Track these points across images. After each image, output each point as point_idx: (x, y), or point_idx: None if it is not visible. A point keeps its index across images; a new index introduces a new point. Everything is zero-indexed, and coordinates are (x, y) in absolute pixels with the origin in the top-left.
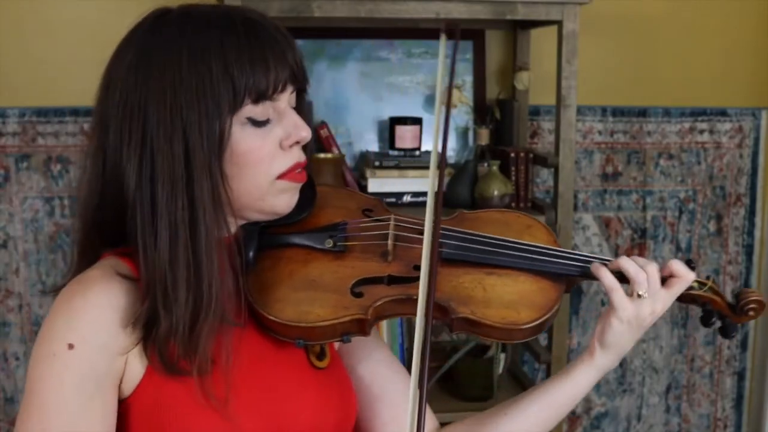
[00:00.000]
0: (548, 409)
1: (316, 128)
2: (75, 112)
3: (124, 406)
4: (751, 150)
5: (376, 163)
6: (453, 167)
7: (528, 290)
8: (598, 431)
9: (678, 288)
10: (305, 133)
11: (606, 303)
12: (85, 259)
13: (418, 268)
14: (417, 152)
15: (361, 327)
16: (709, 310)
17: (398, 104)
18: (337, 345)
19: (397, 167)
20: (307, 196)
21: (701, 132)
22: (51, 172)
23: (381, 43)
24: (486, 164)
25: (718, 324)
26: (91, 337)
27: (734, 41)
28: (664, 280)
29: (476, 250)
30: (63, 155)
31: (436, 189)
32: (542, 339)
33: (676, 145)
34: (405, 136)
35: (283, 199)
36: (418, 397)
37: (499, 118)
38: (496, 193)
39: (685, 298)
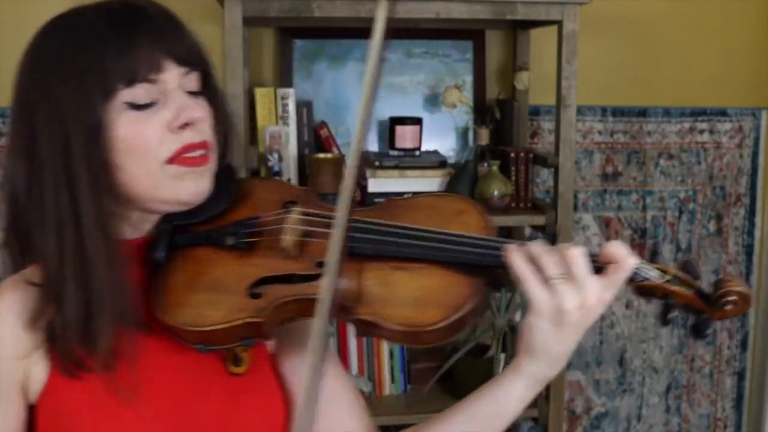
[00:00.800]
0: (473, 423)
1: (316, 128)
2: None
3: (33, 411)
4: (751, 150)
5: (376, 163)
6: (453, 167)
7: (437, 286)
8: (598, 431)
9: (615, 276)
10: (195, 114)
11: None
12: (18, 270)
13: (321, 264)
14: (417, 152)
15: (259, 331)
16: (671, 304)
17: (398, 104)
18: (271, 348)
19: (397, 167)
20: (224, 190)
21: (701, 132)
22: None
23: None
24: (486, 164)
25: (691, 320)
26: None
27: (734, 41)
28: (603, 269)
29: (378, 242)
30: None
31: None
32: None
33: (676, 145)
34: (405, 136)
35: (184, 186)
36: (308, 408)
37: (499, 118)
38: (496, 193)
39: (642, 290)
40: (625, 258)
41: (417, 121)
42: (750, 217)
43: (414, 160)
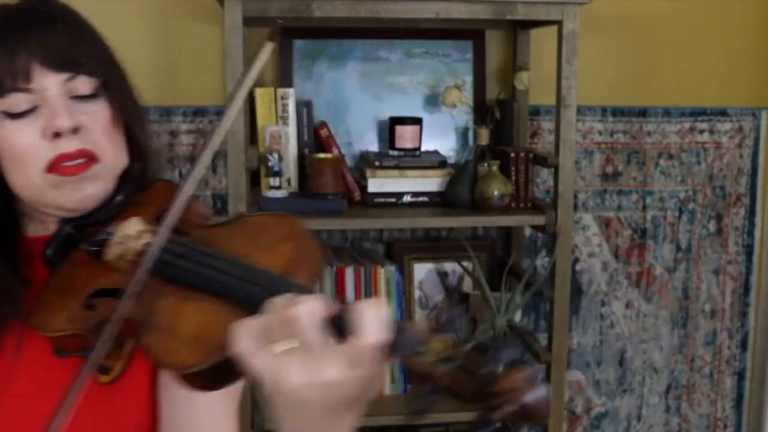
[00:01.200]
0: None
1: (316, 128)
2: None
3: None
4: (751, 150)
5: (376, 163)
6: (453, 167)
7: (215, 324)
8: (598, 431)
9: (356, 349)
10: (63, 123)
11: (606, 303)
12: None
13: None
14: (417, 152)
15: (81, 344)
16: (433, 388)
17: (398, 104)
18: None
19: (397, 167)
20: (116, 193)
21: (701, 132)
22: None
23: (381, 43)
24: (486, 164)
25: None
26: None
27: (734, 41)
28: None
29: (176, 267)
30: None
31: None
32: (542, 339)
33: (676, 145)
34: (405, 136)
35: (64, 194)
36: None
37: (499, 118)
38: (496, 193)
39: (412, 370)
40: (369, 325)
41: (417, 121)
42: (750, 217)
43: (414, 160)
